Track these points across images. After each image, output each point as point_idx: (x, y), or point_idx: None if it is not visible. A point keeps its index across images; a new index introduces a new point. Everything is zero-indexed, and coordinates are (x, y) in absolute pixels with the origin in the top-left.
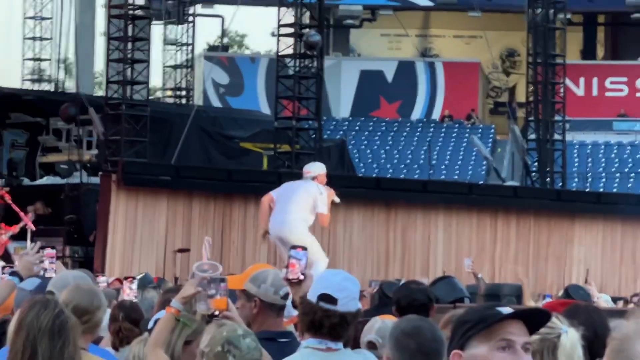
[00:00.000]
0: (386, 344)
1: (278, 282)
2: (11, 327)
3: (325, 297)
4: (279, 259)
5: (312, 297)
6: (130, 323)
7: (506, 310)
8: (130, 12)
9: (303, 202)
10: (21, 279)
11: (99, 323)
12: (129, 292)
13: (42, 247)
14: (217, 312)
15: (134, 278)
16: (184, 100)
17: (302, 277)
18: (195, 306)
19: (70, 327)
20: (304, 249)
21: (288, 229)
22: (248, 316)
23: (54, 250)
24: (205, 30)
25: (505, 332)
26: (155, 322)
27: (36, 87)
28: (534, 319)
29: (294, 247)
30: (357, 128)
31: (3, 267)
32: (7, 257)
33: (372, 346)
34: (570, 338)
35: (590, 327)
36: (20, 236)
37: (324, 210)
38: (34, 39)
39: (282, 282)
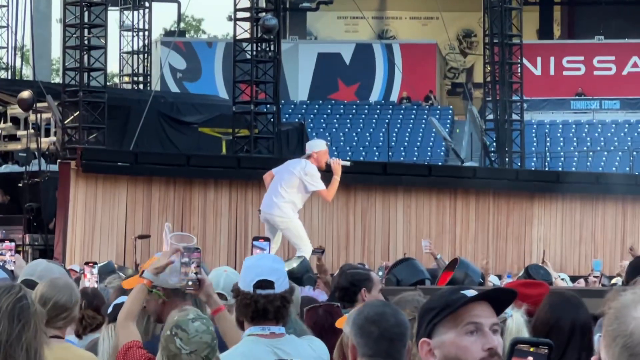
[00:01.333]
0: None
1: (175, 267)
2: None
3: (261, 284)
4: (245, 242)
5: (246, 287)
6: (93, 310)
7: (470, 293)
8: None
9: (287, 184)
10: None
11: (75, 316)
12: (90, 277)
13: (1, 240)
14: (189, 283)
15: (95, 263)
16: (141, 86)
17: None
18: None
19: (32, 313)
20: (267, 239)
21: (274, 211)
22: (157, 309)
23: (13, 243)
24: (162, 15)
25: (471, 316)
26: (115, 307)
27: None
28: (500, 299)
29: (256, 237)
30: (315, 111)
31: None
32: None
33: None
34: (515, 321)
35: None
36: None
37: (317, 187)
38: None
39: (174, 271)
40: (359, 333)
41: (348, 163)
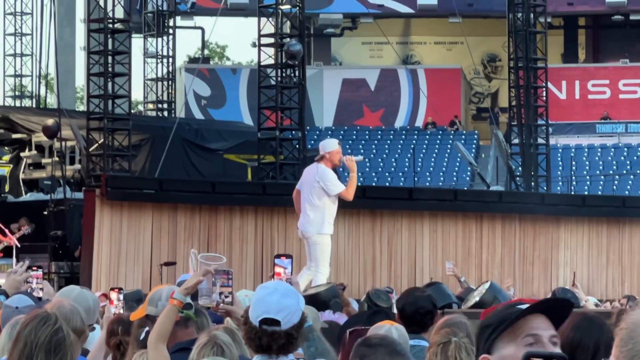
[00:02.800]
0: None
1: (204, 287)
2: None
3: (266, 321)
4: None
5: (254, 320)
6: (129, 336)
7: (526, 305)
8: (110, 25)
9: (313, 194)
10: (7, 297)
11: (86, 338)
12: (117, 303)
13: (29, 267)
14: (221, 305)
15: (120, 289)
16: (166, 113)
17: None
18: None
19: (68, 345)
20: (289, 257)
21: (307, 227)
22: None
23: (40, 271)
24: (186, 42)
25: (530, 328)
26: (147, 332)
27: (18, 103)
28: (557, 312)
29: (278, 255)
30: (340, 137)
31: None
32: None
33: None
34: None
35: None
36: (6, 253)
37: (336, 189)
38: (14, 55)
39: (204, 292)
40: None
41: (361, 158)
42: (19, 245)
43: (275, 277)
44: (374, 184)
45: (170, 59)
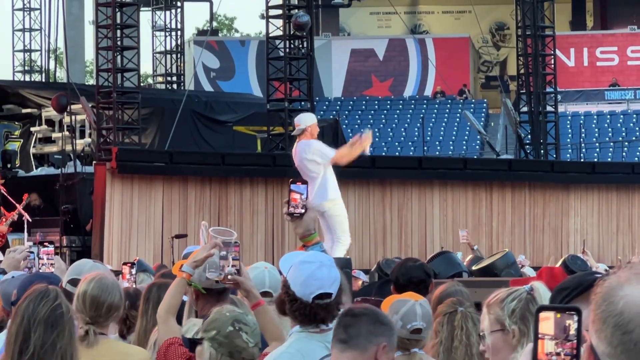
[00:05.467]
0: (429, 327)
1: (214, 261)
2: None
3: (321, 296)
4: (280, 238)
5: (305, 297)
6: (136, 310)
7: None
8: None
9: (312, 170)
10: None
11: (120, 314)
12: (129, 277)
13: (41, 243)
14: (229, 277)
15: (133, 264)
16: (175, 86)
17: (303, 211)
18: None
19: (67, 320)
20: (304, 182)
21: (317, 201)
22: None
23: (52, 247)
24: (194, 14)
25: None
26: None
27: (27, 78)
28: None
29: (294, 181)
30: (349, 107)
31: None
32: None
33: (417, 331)
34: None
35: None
36: (18, 228)
37: (328, 157)
38: (23, 30)
39: (213, 265)
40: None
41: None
42: (30, 220)
43: (290, 203)
44: (383, 154)
45: (179, 32)
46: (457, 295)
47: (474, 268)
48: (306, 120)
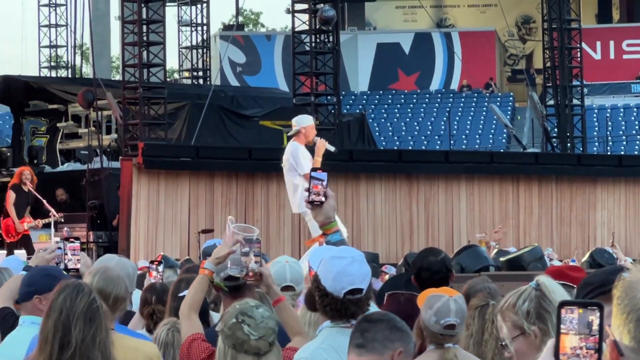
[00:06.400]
0: (463, 323)
1: (236, 257)
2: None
3: (352, 291)
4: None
5: (336, 292)
6: (162, 305)
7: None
8: None
9: (292, 176)
10: None
11: (126, 306)
12: (156, 275)
13: (67, 239)
14: (250, 273)
15: (159, 262)
16: (201, 81)
17: (323, 199)
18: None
19: (102, 315)
20: (325, 170)
21: (300, 210)
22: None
23: (78, 243)
24: (220, 9)
25: None
26: (181, 298)
27: (53, 74)
28: None
29: (315, 168)
30: (376, 101)
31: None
32: (30, 245)
33: (450, 327)
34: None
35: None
36: (44, 224)
37: (303, 170)
38: (49, 26)
39: (235, 262)
40: None
41: (333, 149)
42: (56, 215)
43: (311, 190)
44: (410, 148)
45: (205, 27)
46: (480, 290)
47: (502, 259)
48: (302, 122)
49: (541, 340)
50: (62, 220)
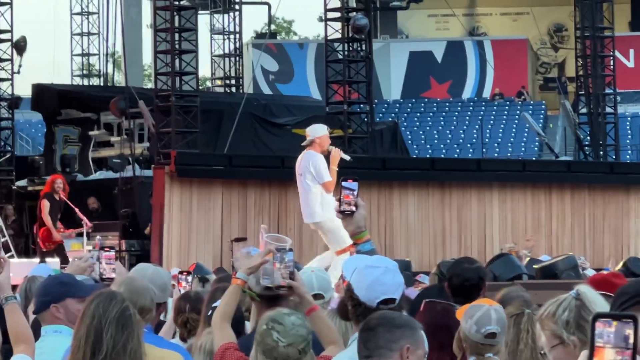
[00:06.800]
0: (504, 332)
1: (268, 267)
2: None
3: (385, 301)
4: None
5: (370, 302)
6: (196, 314)
7: None
8: (176, 2)
9: (308, 184)
10: None
11: (152, 316)
12: (185, 286)
13: (102, 248)
14: (282, 283)
15: (189, 272)
16: (233, 89)
17: (354, 208)
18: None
19: (135, 322)
20: (356, 179)
21: (316, 218)
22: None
23: (113, 252)
24: (252, 17)
25: None
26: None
27: (86, 82)
28: None
29: (345, 178)
30: (408, 110)
31: (62, 267)
32: (64, 254)
33: (491, 336)
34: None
35: None
36: (77, 233)
37: (324, 179)
38: (81, 34)
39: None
40: None
41: (348, 157)
42: (89, 224)
43: (342, 200)
44: (442, 156)
45: (237, 35)
46: (519, 300)
47: (535, 266)
48: (316, 132)
49: (580, 350)
50: (91, 229)
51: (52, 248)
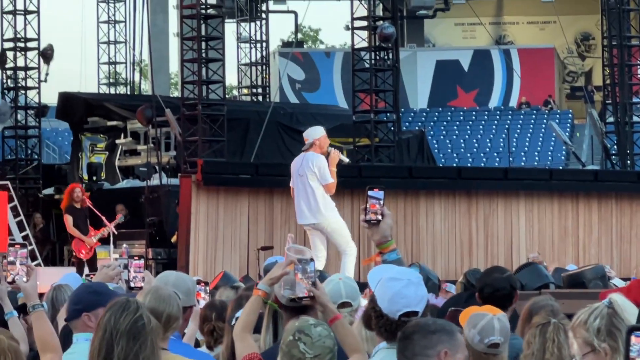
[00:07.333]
0: (507, 342)
1: (290, 278)
2: None
3: (407, 314)
4: (367, 251)
5: (391, 314)
6: (222, 322)
7: None
8: (203, 11)
9: (311, 186)
10: None
11: (179, 325)
12: (204, 296)
13: (131, 257)
14: (305, 292)
15: (206, 283)
16: (260, 98)
17: (380, 217)
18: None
19: (149, 331)
20: (382, 188)
21: (318, 218)
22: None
23: (142, 261)
24: (279, 26)
25: None
26: (237, 319)
27: (112, 90)
28: None
29: (371, 187)
30: (435, 118)
31: (87, 275)
32: (95, 262)
33: (494, 346)
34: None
35: None
36: (104, 240)
37: (327, 180)
38: (108, 43)
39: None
40: None
41: (346, 160)
42: (115, 232)
43: (369, 209)
44: (469, 165)
45: (264, 44)
46: (544, 308)
47: (563, 275)
48: (314, 134)
49: (611, 357)
50: (115, 232)
51: (91, 255)
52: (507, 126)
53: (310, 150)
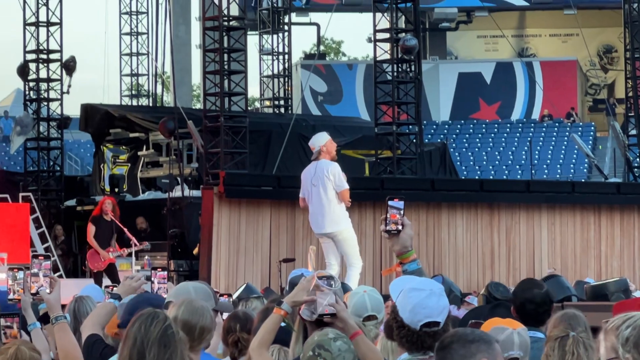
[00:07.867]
0: (526, 356)
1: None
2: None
3: (429, 324)
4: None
5: (413, 324)
6: (247, 333)
7: None
8: (225, 23)
9: (326, 194)
10: (120, 301)
11: (212, 336)
12: None
13: (154, 268)
14: (326, 310)
15: (229, 295)
16: (282, 110)
17: (400, 227)
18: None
19: (178, 341)
20: (402, 198)
21: (332, 227)
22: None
23: (165, 272)
24: (301, 38)
25: None
26: None
27: (134, 102)
28: None
29: (391, 197)
30: (457, 131)
31: (107, 287)
32: (115, 274)
33: None
34: None
35: None
36: (129, 252)
37: (344, 186)
38: (130, 54)
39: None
40: None
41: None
42: (137, 244)
43: (389, 219)
44: (491, 177)
45: (286, 56)
46: (573, 321)
47: (586, 286)
48: (318, 141)
49: None
50: (148, 247)
51: (102, 269)
52: (529, 139)
53: (320, 158)
